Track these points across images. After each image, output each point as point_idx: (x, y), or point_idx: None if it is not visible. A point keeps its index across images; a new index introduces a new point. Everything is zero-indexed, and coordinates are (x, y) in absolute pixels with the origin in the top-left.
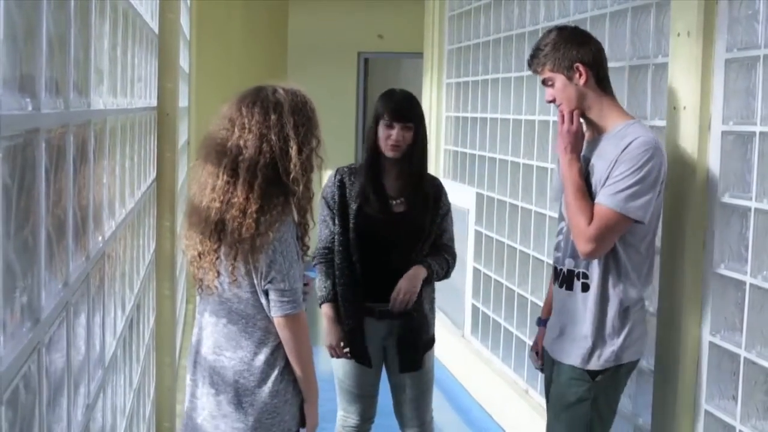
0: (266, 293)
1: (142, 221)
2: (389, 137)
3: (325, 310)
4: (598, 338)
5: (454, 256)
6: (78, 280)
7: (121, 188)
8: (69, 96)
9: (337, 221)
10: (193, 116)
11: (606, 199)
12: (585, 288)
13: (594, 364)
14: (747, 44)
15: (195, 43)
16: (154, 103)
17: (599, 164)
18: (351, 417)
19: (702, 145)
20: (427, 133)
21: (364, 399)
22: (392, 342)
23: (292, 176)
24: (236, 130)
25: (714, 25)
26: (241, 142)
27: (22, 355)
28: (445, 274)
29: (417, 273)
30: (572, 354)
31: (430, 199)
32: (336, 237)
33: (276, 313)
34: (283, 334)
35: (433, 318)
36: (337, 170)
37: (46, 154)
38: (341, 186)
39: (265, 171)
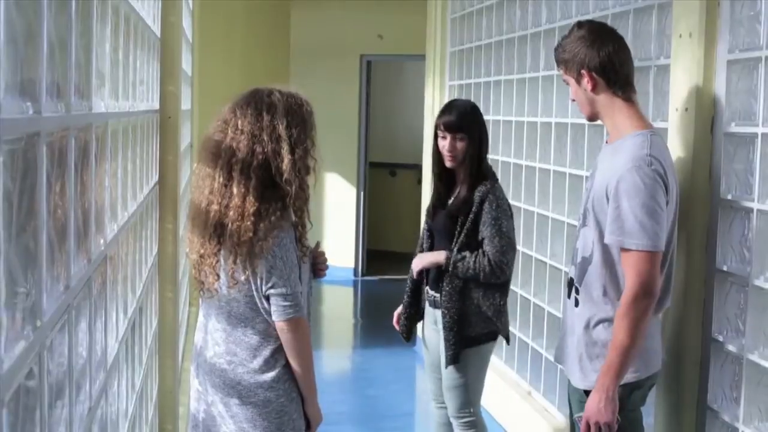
0: (267, 298)
1: (144, 224)
2: (443, 147)
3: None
4: (584, 357)
5: (491, 262)
6: (80, 283)
7: (123, 191)
8: (70, 99)
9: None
10: (195, 119)
11: (623, 240)
12: (577, 303)
13: (587, 384)
14: (749, 45)
15: (197, 46)
16: (156, 106)
17: (598, 175)
18: (432, 396)
19: (704, 146)
20: (487, 139)
21: (432, 380)
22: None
23: (285, 177)
24: (230, 131)
25: (716, 26)
26: (234, 144)
27: (24, 357)
28: (474, 275)
29: (433, 255)
30: (569, 370)
31: (472, 202)
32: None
33: (278, 318)
34: (285, 338)
35: (481, 318)
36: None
37: (47, 157)
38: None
39: (258, 172)
